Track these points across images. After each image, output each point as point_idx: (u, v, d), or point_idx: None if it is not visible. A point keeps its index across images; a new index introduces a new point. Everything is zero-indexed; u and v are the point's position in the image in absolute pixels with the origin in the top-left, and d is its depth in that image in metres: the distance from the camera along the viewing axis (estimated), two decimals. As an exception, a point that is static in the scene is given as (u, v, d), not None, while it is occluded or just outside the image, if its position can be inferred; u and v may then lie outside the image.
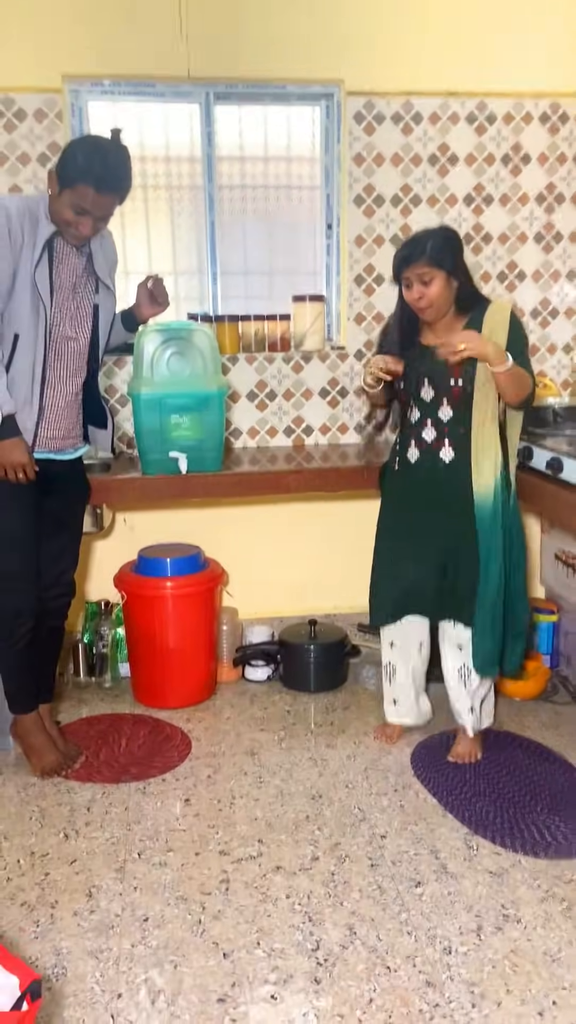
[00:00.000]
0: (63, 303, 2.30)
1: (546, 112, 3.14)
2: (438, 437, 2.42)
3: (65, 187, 2.15)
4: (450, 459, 2.42)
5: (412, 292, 2.34)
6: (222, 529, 3.25)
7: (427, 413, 2.42)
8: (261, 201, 3.20)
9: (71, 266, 2.31)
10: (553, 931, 1.90)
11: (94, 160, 2.13)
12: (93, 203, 2.16)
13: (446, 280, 2.31)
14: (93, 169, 2.12)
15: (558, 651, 3.25)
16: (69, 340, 2.34)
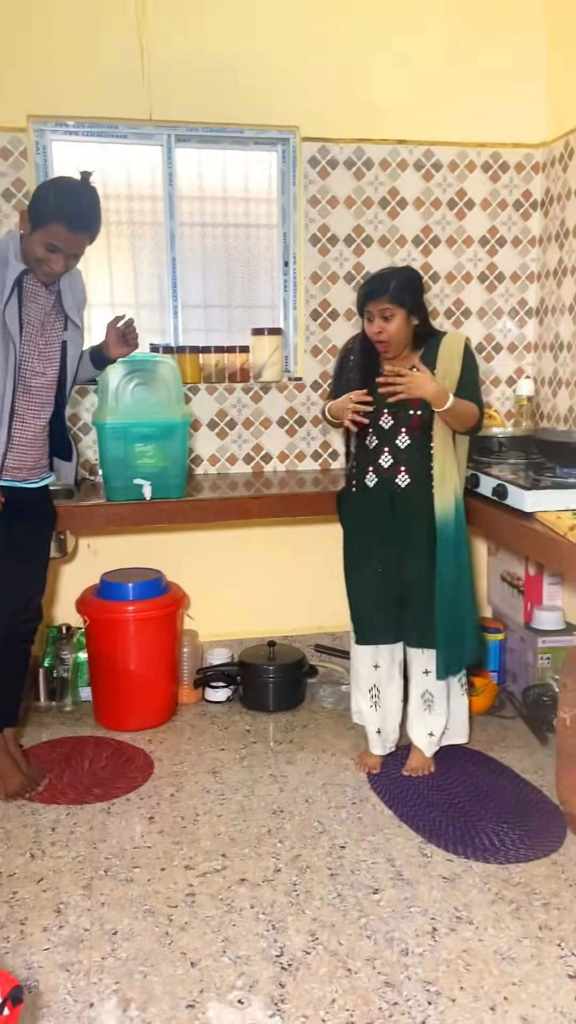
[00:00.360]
0: (32, 339, 2.37)
1: (488, 161, 3.35)
2: (395, 464, 2.55)
3: (37, 226, 2.24)
4: (406, 484, 2.55)
5: (373, 326, 2.48)
6: (183, 553, 3.33)
7: (385, 441, 2.55)
8: (220, 239, 3.33)
9: (40, 304, 2.38)
10: (503, 931, 2.02)
11: (66, 200, 2.23)
12: (65, 241, 2.24)
13: (406, 317, 2.45)
14: (65, 209, 2.22)
15: (504, 668, 3.40)
16: (37, 375, 2.41)
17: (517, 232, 3.42)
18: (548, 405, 3.40)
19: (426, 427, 2.52)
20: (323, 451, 3.44)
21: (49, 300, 2.41)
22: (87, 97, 3.02)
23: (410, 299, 2.45)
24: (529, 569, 3.24)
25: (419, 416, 2.50)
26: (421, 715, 2.70)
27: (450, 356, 2.51)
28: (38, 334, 2.39)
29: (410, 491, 2.55)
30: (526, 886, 2.18)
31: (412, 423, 2.51)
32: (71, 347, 2.48)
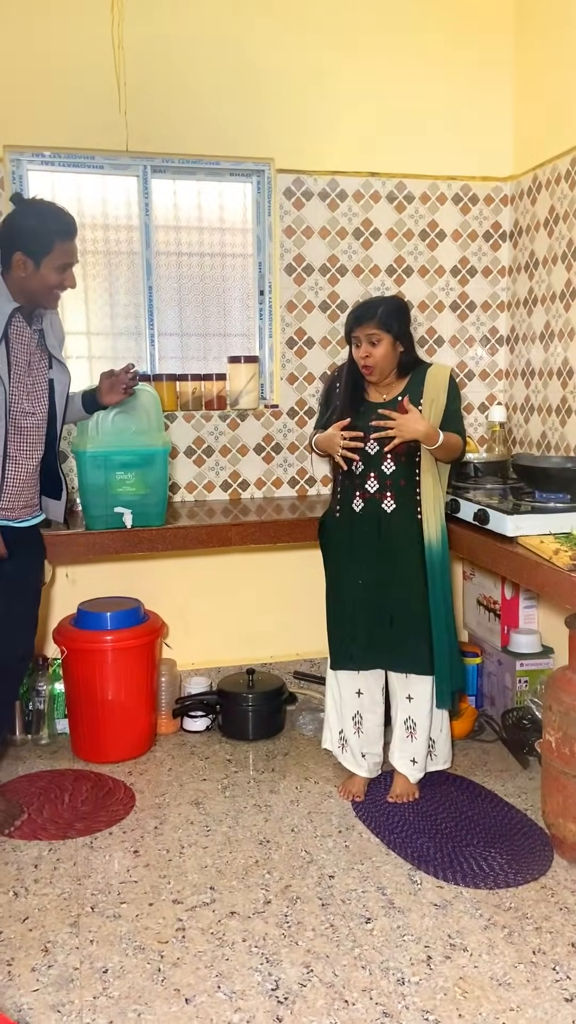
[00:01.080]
0: (20, 379, 2.35)
1: (458, 193, 3.43)
2: (380, 489, 2.58)
3: (43, 254, 2.24)
4: (392, 510, 2.58)
5: (360, 351, 2.52)
6: (161, 581, 3.31)
7: (371, 466, 2.58)
8: (196, 267, 3.35)
9: (25, 343, 2.36)
10: (498, 957, 2.02)
11: (54, 216, 2.27)
12: (73, 253, 2.30)
13: (392, 343, 2.51)
14: (61, 223, 2.27)
15: (482, 692, 3.42)
16: (28, 415, 2.38)
17: (487, 262, 3.51)
18: (520, 431, 3.47)
19: (411, 454, 2.56)
20: (300, 478, 3.46)
21: (33, 339, 2.39)
22: (64, 128, 3.03)
23: (397, 326, 2.50)
24: (505, 592, 3.28)
25: (404, 443, 2.54)
26: (404, 742, 2.70)
27: (436, 387, 2.57)
28: (25, 373, 2.37)
29: (396, 516, 2.58)
30: (517, 911, 2.19)
31: (397, 450, 2.54)
32: (58, 384, 2.46)
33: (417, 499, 2.58)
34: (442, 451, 2.53)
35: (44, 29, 2.96)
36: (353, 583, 2.66)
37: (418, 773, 2.73)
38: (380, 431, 2.51)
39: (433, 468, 2.58)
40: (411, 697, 2.67)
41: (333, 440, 2.56)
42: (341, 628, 2.70)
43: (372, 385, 2.61)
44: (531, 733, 2.99)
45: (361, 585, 2.64)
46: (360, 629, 2.66)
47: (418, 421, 2.46)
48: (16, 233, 2.25)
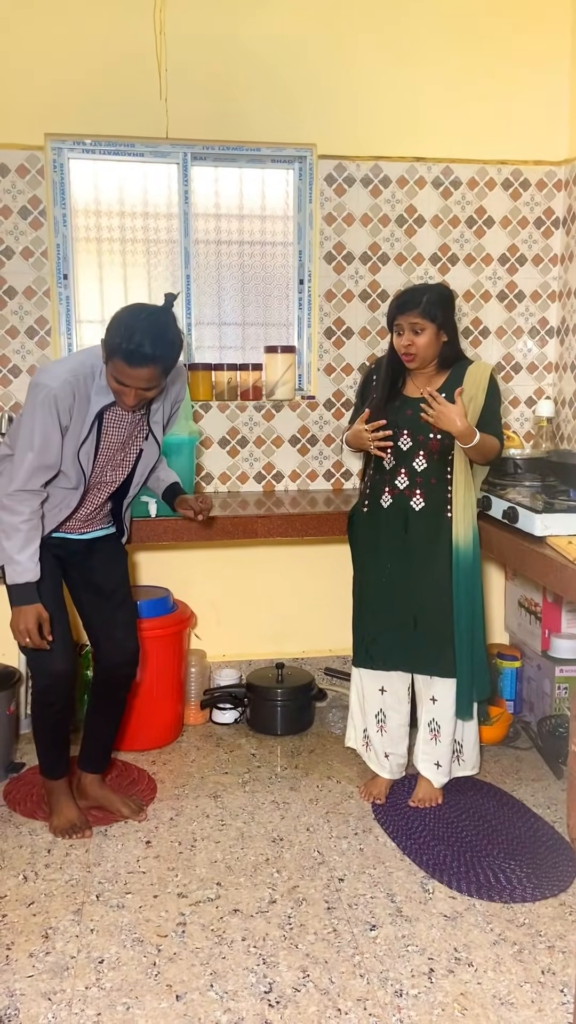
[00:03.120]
0: (107, 460, 2.36)
1: (508, 178, 3.29)
2: (410, 486, 2.50)
3: (106, 360, 2.15)
4: (420, 508, 2.50)
5: (402, 339, 2.45)
6: (191, 572, 3.30)
7: (402, 462, 2.51)
8: (236, 256, 3.32)
9: (121, 427, 2.33)
10: (503, 974, 1.93)
11: (125, 334, 2.07)
12: (130, 377, 2.12)
13: (435, 333, 2.43)
14: (123, 344, 2.07)
15: (521, 697, 3.30)
16: (106, 483, 2.41)
17: (538, 250, 3.36)
18: (569, 426, 3.32)
19: (445, 452, 2.47)
20: (335, 471, 3.39)
21: (134, 418, 2.35)
22: (104, 115, 3.03)
23: (442, 315, 2.43)
24: (548, 596, 3.15)
25: (439, 440, 2.46)
26: (428, 744, 2.62)
27: (475, 385, 2.48)
28: (116, 452, 2.36)
29: (424, 514, 2.50)
30: (530, 927, 2.09)
31: (431, 446, 2.47)
32: (146, 456, 2.44)
33: (448, 498, 2.49)
34: (476, 452, 2.43)
35: (84, 16, 2.96)
36: (377, 581, 2.58)
37: (442, 778, 2.64)
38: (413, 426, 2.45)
39: (466, 468, 2.49)
40: (435, 699, 2.58)
41: (360, 435, 2.49)
42: (363, 626, 2.63)
43: (411, 379, 2.53)
44: (567, 742, 2.86)
45: (385, 583, 2.57)
46: (383, 628, 2.58)
47: (460, 415, 2.36)
48: (110, 321, 2.16)
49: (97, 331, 3.27)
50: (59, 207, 3.13)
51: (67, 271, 3.17)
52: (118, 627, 2.54)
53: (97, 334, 3.26)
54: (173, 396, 2.45)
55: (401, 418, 2.49)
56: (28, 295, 3.10)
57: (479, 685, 2.57)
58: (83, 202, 3.19)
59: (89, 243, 3.22)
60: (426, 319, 2.40)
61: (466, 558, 2.50)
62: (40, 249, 3.08)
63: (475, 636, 2.53)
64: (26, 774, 2.85)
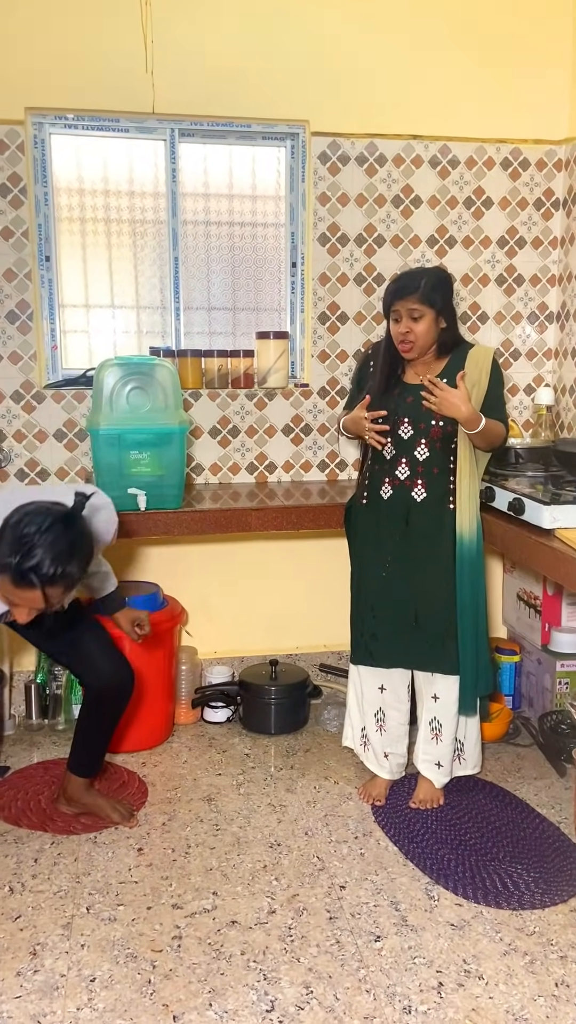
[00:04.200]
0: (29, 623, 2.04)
1: (508, 158, 3.19)
2: (411, 476, 2.41)
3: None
4: (421, 498, 2.41)
5: (400, 326, 2.34)
6: (182, 567, 3.18)
7: (403, 451, 2.41)
8: (226, 237, 3.19)
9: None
10: (516, 987, 1.85)
11: (19, 548, 1.76)
12: (22, 598, 1.82)
13: (434, 319, 2.33)
14: (15, 562, 1.76)
15: (520, 692, 3.22)
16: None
17: (538, 232, 3.26)
18: (569, 415, 3.23)
19: (448, 439, 2.37)
20: (330, 461, 3.28)
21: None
22: (88, 88, 2.89)
23: (440, 300, 2.32)
24: (548, 588, 3.07)
25: (440, 427, 2.36)
26: (429, 744, 2.53)
27: (478, 370, 2.38)
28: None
29: (426, 506, 2.40)
30: (541, 936, 2.01)
31: (433, 434, 2.37)
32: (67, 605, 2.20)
33: (451, 488, 2.40)
34: (481, 438, 2.33)
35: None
36: (377, 575, 2.49)
37: (443, 778, 2.55)
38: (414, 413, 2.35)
39: (470, 456, 2.39)
40: (437, 696, 2.49)
41: (360, 423, 2.39)
42: (362, 622, 2.53)
43: (410, 366, 2.43)
44: (569, 739, 2.79)
45: (385, 578, 2.47)
46: (382, 625, 2.49)
47: (464, 401, 2.26)
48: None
49: (81, 317, 3.14)
50: (40, 185, 2.98)
51: (49, 252, 3.04)
52: (97, 657, 2.36)
53: (81, 320, 3.14)
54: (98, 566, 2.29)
55: (401, 406, 2.39)
56: (8, 277, 2.96)
57: (483, 680, 2.48)
58: (65, 180, 3.05)
59: (72, 223, 3.08)
60: (425, 305, 2.30)
61: (470, 551, 2.40)
62: (21, 229, 2.94)
63: (478, 631, 2.44)
64: (12, 778, 2.74)
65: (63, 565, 1.78)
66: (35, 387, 3.03)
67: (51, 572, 1.77)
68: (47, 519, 1.79)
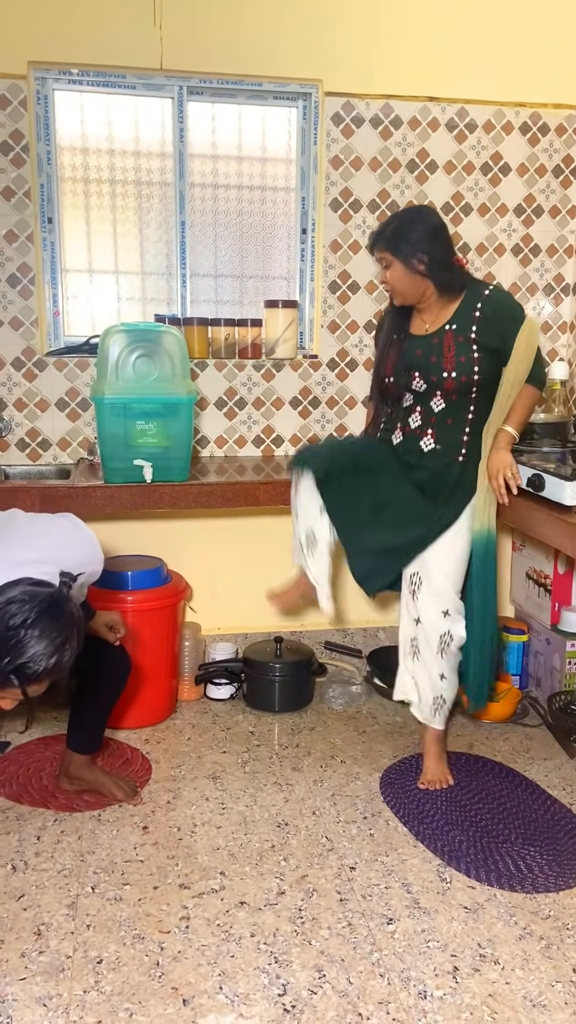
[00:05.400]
0: None
1: (527, 122, 3.09)
2: (423, 426, 2.35)
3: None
4: (429, 448, 2.36)
5: (380, 275, 2.32)
6: (185, 541, 3.11)
7: (419, 401, 2.36)
8: (234, 202, 3.09)
9: None
10: (532, 972, 1.81)
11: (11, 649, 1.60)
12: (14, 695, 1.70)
13: (407, 266, 2.23)
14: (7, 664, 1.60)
15: (528, 672, 3.18)
16: None
17: (556, 201, 3.16)
18: (583, 390, 3.16)
19: (464, 392, 2.29)
20: (339, 434, 3.20)
21: None
22: (93, 42, 2.77)
23: (407, 245, 2.21)
24: (559, 567, 3.01)
25: (453, 379, 2.28)
26: (407, 659, 2.49)
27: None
28: None
29: (434, 457, 2.35)
30: (557, 920, 1.97)
31: (446, 386, 2.29)
32: None
33: (463, 440, 2.33)
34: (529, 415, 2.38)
35: None
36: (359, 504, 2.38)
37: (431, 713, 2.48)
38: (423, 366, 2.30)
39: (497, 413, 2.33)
40: (419, 620, 2.43)
41: None
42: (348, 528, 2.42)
43: (416, 314, 2.35)
44: (580, 720, 2.75)
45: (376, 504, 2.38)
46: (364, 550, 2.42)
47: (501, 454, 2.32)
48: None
49: (84, 282, 3.04)
50: (43, 143, 2.87)
51: (51, 214, 2.93)
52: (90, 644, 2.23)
53: (84, 285, 3.04)
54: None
55: (411, 359, 2.32)
56: (9, 239, 2.86)
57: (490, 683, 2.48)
58: (69, 138, 2.94)
59: (76, 183, 2.97)
60: (388, 252, 2.24)
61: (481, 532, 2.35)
62: (23, 189, 2.83)
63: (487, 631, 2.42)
64: (12, 754, 2.68)
65: (50, 662, 1.63)
66: (36, 354, 2.94)
67: (38, 672, 1.63)
68: (32, 609, 1.62)
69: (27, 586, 1.68)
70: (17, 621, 1.61)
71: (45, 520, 2.02)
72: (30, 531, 1.93)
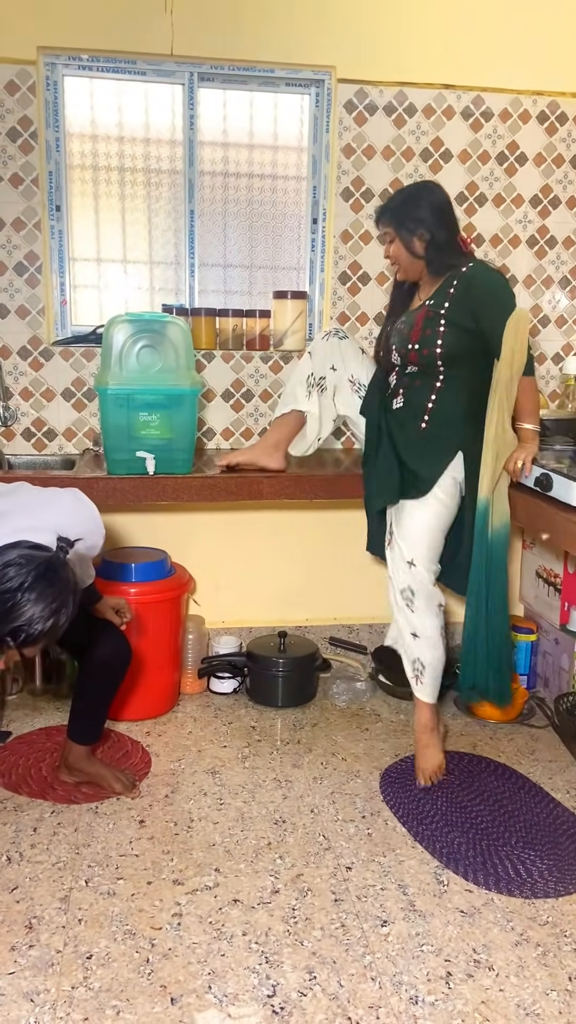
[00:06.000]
0: None
1: (544, 111, 3.02)
2: (396, 387, 2.47)
3: None
4: (397, 407, 2.45)
5: (385, 249, 2.41)
6: (191, 534, 3.09)
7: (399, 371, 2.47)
8: (244, 190, 3.04)
9: None
10: (527, 980, 1.78)
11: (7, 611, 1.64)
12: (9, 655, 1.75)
13: (407, 240, 2.31)
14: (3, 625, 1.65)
15: (535, 672, 3.13)
16: None
17: (573, 191, 3.10)
18: (597, 386, 3.09)
19: (429, 363, 2.35)
20: (346, 428, 3.16)
21: None
22: (104, 27, 2.74)
23: (411, 221, 2.29)
24: (569, 566, 2.96)
25: (416, 351, 2.35)
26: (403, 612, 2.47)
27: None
28: None
29: (400, 415, 2.42)
30: (555, 926, 1.93)
31: (411, 357, 2.39)
32: None
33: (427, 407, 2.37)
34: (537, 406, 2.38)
35: None
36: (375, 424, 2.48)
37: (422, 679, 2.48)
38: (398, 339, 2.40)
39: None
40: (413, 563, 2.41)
41: None
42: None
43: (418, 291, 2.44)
44: (588, 721, 2.71)
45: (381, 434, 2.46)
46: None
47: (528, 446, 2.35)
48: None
49: (91, 271, 3.02)
50: (52, 130, 2.85)
51: (60, 202, 2.91)
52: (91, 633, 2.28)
53: (92, 274, 3.02)
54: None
55: (394, 332, 2.44)
56: (17, 227, 2.83)
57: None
58: (78, 125, 2.91)
59: (84, 171, 2.94)
60: (392, 227, 2.32)
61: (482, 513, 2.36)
62: (31, 176, 2.81)
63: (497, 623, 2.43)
64: (14, 744, 2.68)
65: (46, 625, 1.65)
66: (43, 343, 2.92)
67: (34, 634, 1.65)
68: (29, 573, 1.64)
69: (24, 549, 1.70)
70: (14, 584, 1.63)
71: (50, 492, 2.04)
72: (32, 501, 1.94)
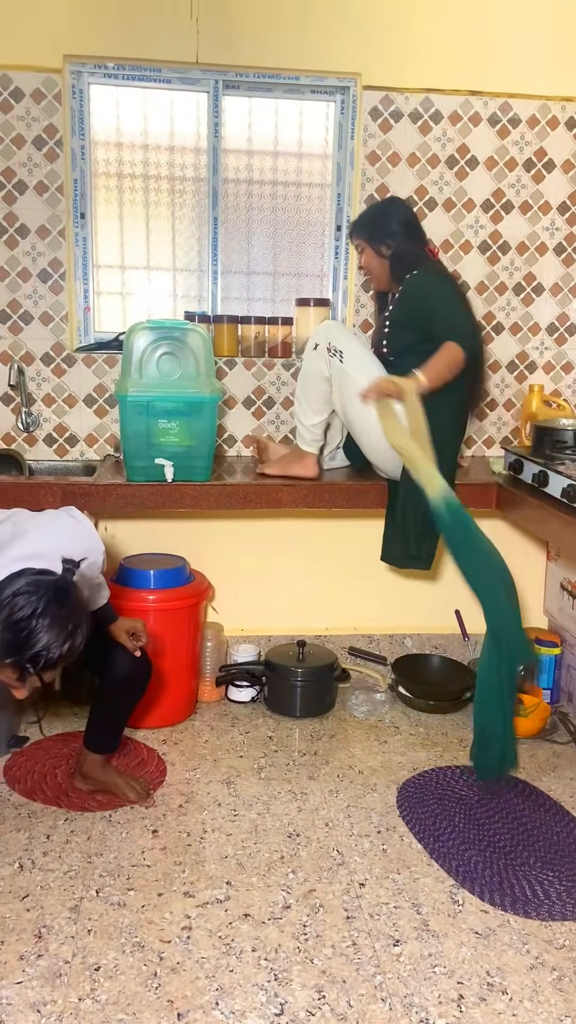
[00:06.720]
0: None
1: (573, 117, 2.98)
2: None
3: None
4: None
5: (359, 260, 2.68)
6: (210, 541, 3.08)
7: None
8: (268, 198, 3.04)
9: None
10: (542, 1005, 1.73)
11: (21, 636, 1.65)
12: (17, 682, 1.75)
13: (375, 251, 2.55)
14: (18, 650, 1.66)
15: (559, 687, 3.08)
16: None
17: (601, 199, 3.05)
18: (625, 396, 3.04)
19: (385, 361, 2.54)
20: (370, 436, 3.14)
21: None
22: (129, 36, 2.75)
23: (376, 232, 2.53)
24: (593, 578, 2.91)
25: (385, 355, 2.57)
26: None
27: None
28: None
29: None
30: (572, 950, 1.89)
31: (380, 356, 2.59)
32: None
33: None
34: (436, 382, 2.39)
35: None
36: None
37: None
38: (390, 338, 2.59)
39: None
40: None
41: None
42: None
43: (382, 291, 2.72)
44: (610, 739, 2.65)
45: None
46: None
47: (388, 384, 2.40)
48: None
49: (115, 278, 3.03)
50: (77, 138, 2.86)
51: (84, 209, 2.92)
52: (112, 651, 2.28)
53: (115, 281, 3.03)
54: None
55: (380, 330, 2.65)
56: (42, 234, 2.85)
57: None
58: (103, 133, 2.92)
59: (109, 179, 2.96)
60: (360, 239, 2.58)
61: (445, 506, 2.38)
62: (56, 184, 2.83)
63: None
64: (29, 750, 2.68)
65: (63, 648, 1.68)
66: (66, 350, 2.93)
67: (53, 659, 1.67)
68: (40, 599, 1.66)
69: (31, 576, 1.71)
70: (27, 612, 1.64)
71: (47, 515, 2.04)
72: (30, 526, 1.95)
